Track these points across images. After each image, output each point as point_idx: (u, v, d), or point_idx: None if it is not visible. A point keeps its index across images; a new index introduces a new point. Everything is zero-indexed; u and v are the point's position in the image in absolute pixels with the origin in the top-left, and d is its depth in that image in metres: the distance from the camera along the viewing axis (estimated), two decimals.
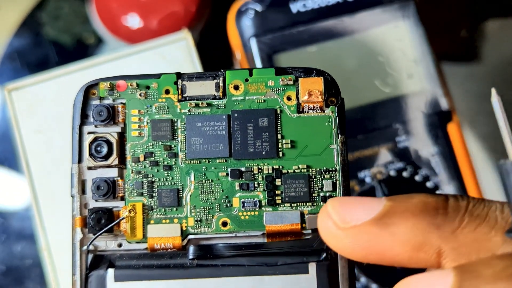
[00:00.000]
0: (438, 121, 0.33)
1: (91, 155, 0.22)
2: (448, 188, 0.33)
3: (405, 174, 0.33)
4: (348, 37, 0.34)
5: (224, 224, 0.22)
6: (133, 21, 0.38)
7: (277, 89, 0.22)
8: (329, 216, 0.19)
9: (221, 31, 0.36)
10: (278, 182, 0.22)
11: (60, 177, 0.30)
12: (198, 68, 0.31)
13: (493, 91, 0.18)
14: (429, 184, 0.33)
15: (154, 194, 0.22)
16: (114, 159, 0.22)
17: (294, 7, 0.34)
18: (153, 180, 0.22)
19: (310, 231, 0.22)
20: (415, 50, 0.34)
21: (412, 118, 0.33)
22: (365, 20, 0.34)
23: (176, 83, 0.22)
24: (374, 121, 0.33)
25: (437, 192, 0.33)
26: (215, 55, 0.42)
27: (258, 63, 0.33)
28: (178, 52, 0.31)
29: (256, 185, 0.22)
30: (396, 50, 0.34)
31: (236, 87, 0.23)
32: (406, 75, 0.34)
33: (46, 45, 0.42)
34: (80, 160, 0.22)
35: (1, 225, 0.40)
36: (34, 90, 0.30)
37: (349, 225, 0.19)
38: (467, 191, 0.33)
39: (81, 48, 0.42)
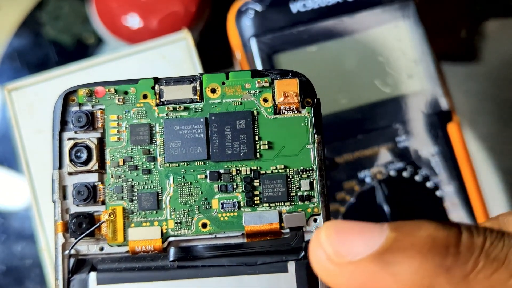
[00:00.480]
0: (438, 121, 0.33)
1: (71, 160, 0.22)
2: (448, 188, 0.33)
3: (405, 174, 0.33)
4: (348, 37, 0.34)
5: (204, 225, 0.22)
6: (133, 21, 0.38)
7: (254, 91, 0.23)
8: (322, 247, 0.17)
9: (221, 31, 0.36)
10: (256, 183, 0.22)
11: None
12: (198, 68, 0.31)
13: None
14: (429, 184, 0.33)
15: (134, 198, 0.22)
16: (94, 164, 0.22)
17: (294, 7, 0.34)
18: (133, 184, 0.22)
19: (288, 230, 0.22)
20: (415, 50, 0.34)
21: (412, 118, 0.33)
22: (365, 20, 0.34)
23: (153, 87, 0.23)
24: (374, 121, 0.33)
25: (437, 192, 0.33)
26: (215, 55, 0.42)
27: (258, 63, 0.33)
28: (178, 52, 0.31)
29: (234, 187, 0.22)
30: (396, 50, 0.34)
31: (213, 90, 0.23)
32: (406, 75, 0.34)
33: (46, 45, 0.42)
34: (60, 166, 0.22)
35: (1, 225, 0.40)
36: (34, 90, 0.30)
37: (345, 260, 0.16)
38: (467, 191, 0.33)
39: (81, 48, 0.42)
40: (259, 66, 0.33)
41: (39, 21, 0.43)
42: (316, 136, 0.22)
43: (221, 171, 0.22)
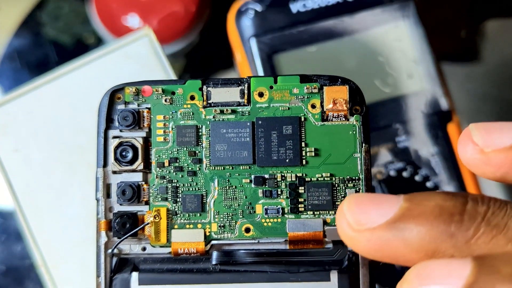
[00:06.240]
0: (438, 121, 0.33)
1: (116, 159, 0.22)
2: (448, 188, 0.33)
3: (405, 174, 0.33)
4: (348, 37, 0.34)
5: (247, 230, 0.22)
6: (133, 21, 0.38)
7: (302, 97, 0.22)
8: (344, 217, 0.19)
9: (221, 31, 0.36)
10: (301, 190, 0.22)
11: (44, 193, 0.29)
12: (165, 63, 0.30)
13: None
14: (429, 184, 0.33)
15: (178, 199, 0.22)
16: (139, 164, 0.22)
17: (294, 7, 0.34)
18: (178, 185, 0.22)
19: (331, 241, 0.22)
20: (415, 50, 0.34)
21: (412, 118, 0.33)
22: (365, 20, 0.34)
23: (201, 89, 0.22)
24: (374, 121, 0.33)
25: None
26: (215, 55, 0.42)
27: (258, 63, 0.33)
28: (142, 49, 0.30)
29: (279, 193, 0.22)
30: (396, 50, 0.34)
31: (261, 94, 0.22)
32: (406, 75, 0.34)
33: (46, 45, 0.42)
34: (105, 164, 0.22)
35: (1, 225, 0.40)
36: (5, 110, 0.30)
37: (364, 227, 0.18)
38: (467, 191, 0.33)
39: (81, 48, 0.42)
40: (259, 66, 0.33)
41: (39, 21, 0.43)
42: (363, 145, 0.22)
43: (266, 176, 0.22)
